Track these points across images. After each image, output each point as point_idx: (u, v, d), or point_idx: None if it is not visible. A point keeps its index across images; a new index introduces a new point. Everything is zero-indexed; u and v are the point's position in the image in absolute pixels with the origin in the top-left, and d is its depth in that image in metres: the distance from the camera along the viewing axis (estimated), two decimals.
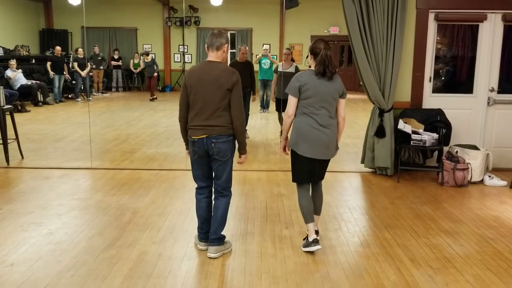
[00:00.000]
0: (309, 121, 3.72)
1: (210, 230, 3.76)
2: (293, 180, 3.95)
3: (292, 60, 8.79)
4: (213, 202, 3.83)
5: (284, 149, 3.98)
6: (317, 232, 3.93)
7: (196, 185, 3.85)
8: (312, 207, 3.92)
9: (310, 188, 3.99)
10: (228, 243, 3.88)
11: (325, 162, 3.90)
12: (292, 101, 3.75)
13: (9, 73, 12.75)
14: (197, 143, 3.61)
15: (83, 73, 14.08)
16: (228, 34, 17.68)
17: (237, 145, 3.77)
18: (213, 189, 3.83)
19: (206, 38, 3.68)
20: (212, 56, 3.63)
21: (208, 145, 3.58)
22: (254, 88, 8.59)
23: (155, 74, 14.89)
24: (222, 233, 3.80)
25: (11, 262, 3.56)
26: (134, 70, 15.49)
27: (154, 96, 14.71)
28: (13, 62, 13.01)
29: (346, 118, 3.90)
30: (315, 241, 3.79)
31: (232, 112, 3.57)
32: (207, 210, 3.82)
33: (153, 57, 15.42)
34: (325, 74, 3.66)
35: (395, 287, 3.29)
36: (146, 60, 14.88)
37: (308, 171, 3.84)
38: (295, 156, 3.84)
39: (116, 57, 16.85)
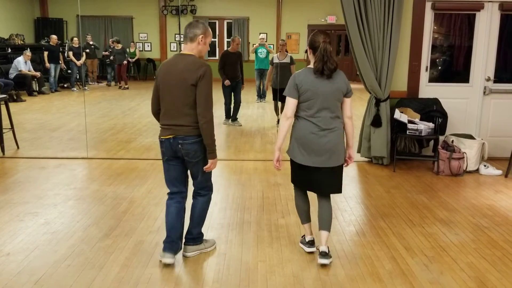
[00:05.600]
0: (307, 125, 3.37)
1: (186, 230, 3.57)
2: (292, 181, 3.67)
3: (286, 51, 8.94)
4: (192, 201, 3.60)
5: (278, 161, 3.47)
6: (324, 254, 3.46)
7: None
8: (308, 207, 3.65)
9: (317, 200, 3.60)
10: (210, 241, 3.70)
11: (331, 171, 3.42)
12: (290, 102, 3.37)
13: (22, 66, 12.53)
14: (165, 144, 3.34)
15: (79, 63, 14.01)
16: (225, 23, 17.61)
17: None
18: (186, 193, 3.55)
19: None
20: (186, 48, 3.31)
21: (175, 146, 3.30)
22: (243, 78, 8.72)
23: (125, 62, 14.87)
24: (201, 231, 3.61)
25: (8, 252, 3.57)
26: (130, 59, 15.46)
27: (126, 86, 14.68)
28: (29, 53, 12.75)
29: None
30: (311, 243, 3.66)
31: (197, 109, 3.20)
32: (175, 218, 3.44)
33: (123, 47, 15.37)
34: (324, 72, 3.28)
35: (390, 276, 3.31)
36: (116, 48, 14.86)
37: (307, 181, 3.51)
38: (293, 163, 3.54)
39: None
